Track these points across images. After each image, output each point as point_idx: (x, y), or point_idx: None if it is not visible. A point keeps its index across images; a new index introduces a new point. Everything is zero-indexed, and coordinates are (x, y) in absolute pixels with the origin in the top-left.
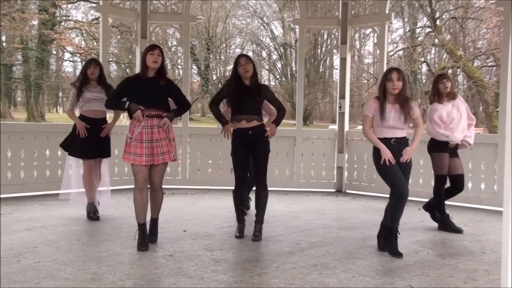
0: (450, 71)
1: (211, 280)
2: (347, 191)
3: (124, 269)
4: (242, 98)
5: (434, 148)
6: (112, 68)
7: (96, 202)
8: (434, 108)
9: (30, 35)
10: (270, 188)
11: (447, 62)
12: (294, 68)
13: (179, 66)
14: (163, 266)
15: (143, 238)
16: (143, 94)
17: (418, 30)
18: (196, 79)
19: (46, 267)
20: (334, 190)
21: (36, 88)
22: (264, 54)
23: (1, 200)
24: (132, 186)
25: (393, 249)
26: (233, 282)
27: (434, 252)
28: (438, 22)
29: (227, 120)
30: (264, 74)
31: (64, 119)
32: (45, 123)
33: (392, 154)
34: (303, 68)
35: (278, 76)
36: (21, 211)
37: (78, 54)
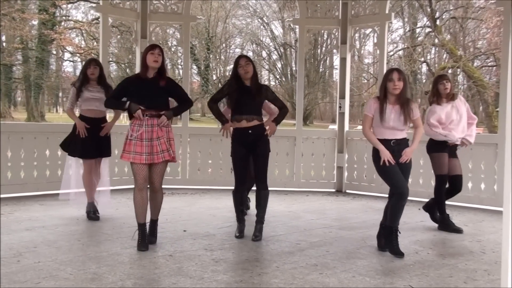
0: (450, 71)
1: (211, 280)
2: (347, 191)
3: (124, 269)
4: (243, 99)
5: (433, 148)
6: (112, 68)
7: (95, 202)
8: (432, 111)
9: (30, 35)
10: (270, 188)
11: (447, 62)
12: (294, 68)
13: (179, 66)
14: (163, 266)
15: (143, 238)
16: (143, 95)
17: (418, 30)
18: (196, 79)
19: (46, 267)
20: (334, 190)
21: (36, 88)
22: (264, 54)
23: (1, 200)
24: (132, 186)
25: (394, 248)
26: (233, 282)
27: (434, 252)
28: (438, 22)
29: (226, 119)
30: (264, 74)
31: (64, 119)
32: (45, 123)
33: (392, 154)
34: (303, 68)
35: (278, 76)
36: (21, 211)
37: (78, 54)
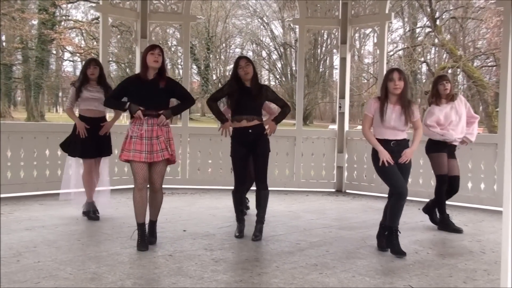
0: (450, 71)
1: (211, 280)
2: (347, 191)
3: (124, 268)
4: (243, 100)
5: (432, 149)
6: (112, 68)
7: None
8: (431, 112)
9: (30, 35)
10: (270, 188)
11: (447, 62)
12: (294, 68)
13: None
14: (163, 266)
15: (142, 238)
16: (143, 98)
17: (418, 30)
18: (196, 79)
19: (45, 266)
20: (334, 190)
21: (36, 87)
22: (264, 54)
23: (1, 199)
24: (132, 186)
25: (395, 248)
26: (232, 282)
27: (434, 252)
28: (438, 22)
29: (226, 118)
30: (264, 74)
31: (64, 119)
32: (44, 122)
33: (391, 155)
34: (303, 68)
35: (278, 76)
36: (20, 211)
37: (78, 54)
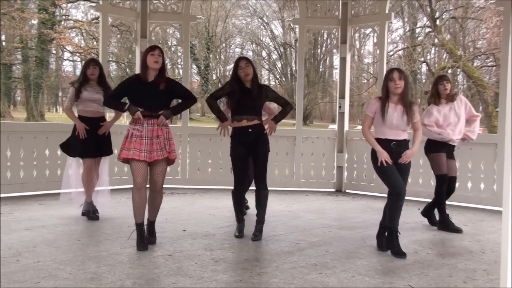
0: (450, 71)
1: (211, 279)
2: (347, 191)
3: (124, 268)
4: (243, 100)
5: (431, 149)
6: (112, 67)
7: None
8: (429, 111)
9: (30, 35)
10: (269, 188)
11: (447, 62)
12: (294, 68)
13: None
14: (163, 265)
15: (141, 238)
16: (143, 100)
17: (418, 30)
18: (196, 79)
19: (45, 266)
20: (333, 190)
21: (36, 87)
22: (264, 54)
23: (0, 199)
24: (132, 186)
25: (395, 249)
26: (232, 281)
27: (433, 252)
28: (438, 22)
29: (226, 117)
30: (264, 73)
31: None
32: (44, 122)
33: (391, 155)
34: (303, 68)
35: (278, 76)
36: (20, 211)
37: (77, 54)
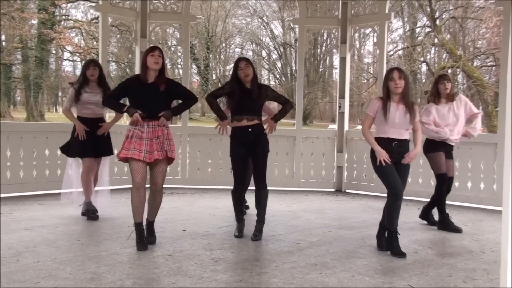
0: (449, 71)
1: (211, 279)
2: (347, 191)
3: (124, 268)
4: (243, 101)
5: (430, 148)
6: (112, 67)
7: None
8: (428, 110)
9: (30, 35)
10: (269, 188)
11: (446, 61)
12: (294, 68)
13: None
14: (163, 265)
15: (141, 238)
16: (143, 102)
17: (417, 30)
18: (195, 79)
19: (45, 266)
20: (333, 190)
21: (36, 87)
22: (264, 54)
23: (0, 199)
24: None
25: (395, 250)
26: (232, 281)
27: (433, 252)
28: (437, 22)
29: (226, 116)
30: (264, 73)
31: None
32: (44, 122)
33: (391, 155)
34: (303, 68)
35: (278, 76)
36: (20, 211)
37: (77, 54)
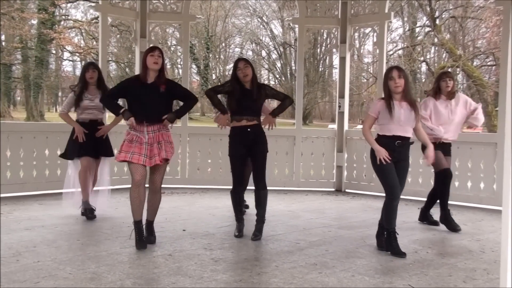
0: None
1: (211, 279)
2: (347, 190)
3: (123, 268)
4: (243, 101)
5: None
6: (112, 67)
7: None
8: (426, 104)
9: (30, 35)
10: (269, 188)
11: (446, 61)
12: (294, 67)
13: (179, 66)
14: (162, 265)
15: (140, 237)
16: (144, 104)
17: (417, 29)
18: (195, 79)
19: (45, 266)
20: (333, 189)
21: (36, 87)
22: (263, 54)
23: (0, 199)
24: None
25: (394, 249)
26: (232, 281)
27: (433, 251)
28: (437, 21)
29: (226, 109)
30: (264, 73)
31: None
32: (44, 122)
33: (393, 154)
34: (303, 67)
35: (277, 76)
36: (20, 211)
37: (77, 54)
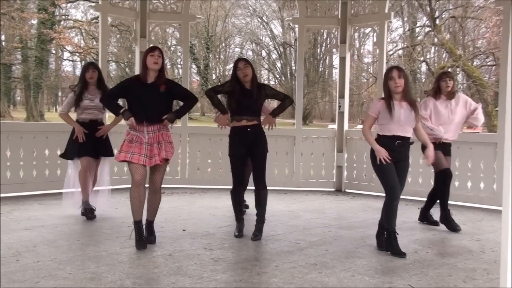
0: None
1: (210, 279)
2: (347, 190)
3: (123, 268)
4: (243, 101)
5: None
6: (112, 67)
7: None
8: (426, 103)
9: (30, 34)
10: (269, 188)
11: (446, 61)
12: (294, 68)
13: (179, 66)
14: (162, 265)
15: (140, 236)
16: (144, 104)
17: (417, 29)
18: (195, 79)
19: (45, 266)
20: (333, 189)
21: (36, 87)
22: (263, 54)
23: (0, 199)
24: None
25: (394, 249)
26: (232, 281)
27: (433, 251)
28: (437, 21)
29: (226, 109)
30: (264, 73)
31: None
32: (44, 122)
33: (393, 154)
34: (303, 68)
35: (277, 76)
36: (20, 211)
37: (77, 54)
